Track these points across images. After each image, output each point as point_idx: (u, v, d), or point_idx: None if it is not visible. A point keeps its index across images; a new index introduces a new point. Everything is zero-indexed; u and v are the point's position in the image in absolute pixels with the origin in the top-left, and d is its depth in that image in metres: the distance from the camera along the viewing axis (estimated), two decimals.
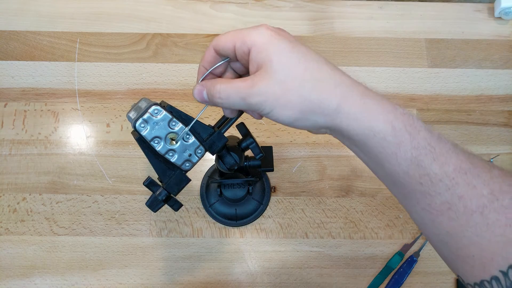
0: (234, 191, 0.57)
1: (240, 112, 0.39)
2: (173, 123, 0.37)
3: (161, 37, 0.70)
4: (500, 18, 0.72)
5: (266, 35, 0.31)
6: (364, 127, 0.30)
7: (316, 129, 0.32)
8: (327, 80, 0.30)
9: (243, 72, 0.36)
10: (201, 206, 0.60)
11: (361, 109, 0.30)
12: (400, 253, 0.57)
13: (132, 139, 0.41)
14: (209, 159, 0.61)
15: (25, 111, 0.64)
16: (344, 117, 0.30)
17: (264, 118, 0.65)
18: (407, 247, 0.58)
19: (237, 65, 0.36)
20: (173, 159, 0.38)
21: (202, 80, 0.36)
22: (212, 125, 0.41)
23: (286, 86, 0.30)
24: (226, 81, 0.32)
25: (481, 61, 0.69)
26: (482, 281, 0.28)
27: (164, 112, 0.37)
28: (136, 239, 0.58)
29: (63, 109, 0.65)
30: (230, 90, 0.32)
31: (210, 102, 0.34)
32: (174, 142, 0.38)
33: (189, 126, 0.38)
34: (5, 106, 0.65)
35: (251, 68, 0.32)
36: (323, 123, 0.31)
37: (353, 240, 0.59)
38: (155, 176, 0.41)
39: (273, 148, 0.55)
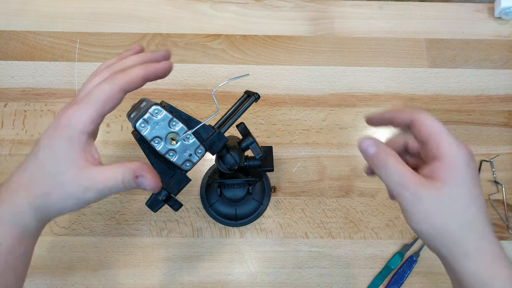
0: (234, 191, 0.57)
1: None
2: (174, 123, 0.37)
3: (161, 37, 0.70)
4: (500, 18, 0.72)
5: (464, 159, 0.31)
6: (479, 282, 0.31)
7: (431, 248, 0.33)
8: (479, 231, 0.31)
9: (413, 150, 0.36)
10: (201, 206, 0.60)
11: (486, 269, 0.31)
12: (400, 253, 0.57)
13: (132, 139, 0.41)
14: (209, 159, 0.61)
15: (25, 111, 0.64)
16: (468, 266, 0.31)
17: (264, 118, 0.65)
18: (407, 247, 0.58)
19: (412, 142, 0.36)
20: (173, 159, 0.38)
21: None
22: (212, 125, 0.41)
23: (444, 212, 0.31)
24: (399, 161, 0.32)
25: (481, 61, 0.69)
26: None
27: (164, 112, 0.37)
28: (136, 239, 0.58)
29: None
30: (397, 172, 0.32)
31: (369, 159, 0.34)
32: (174, 142, 0.38)
33: (193, 130, 0.38)
34: (5, 106, 0.65)
35: (427, 170, 0.32)
36: (444, 254, 0.32)
37: (353, 240, 0.59)
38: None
39: (273, 148, 0.55)
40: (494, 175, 0.62)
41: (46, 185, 0.33)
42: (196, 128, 0.38)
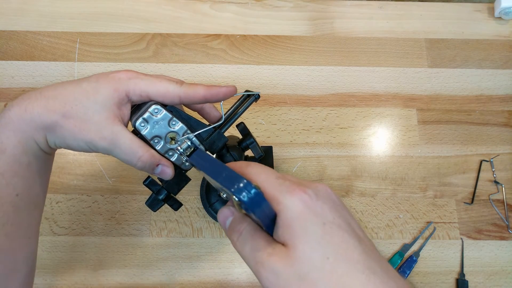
0: None
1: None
2: (173, 123, 0.37)
3: (161, 37, 0.70)
4: (500, 18, 0.72)
5: (297, 209, 0.26)
6: None
7: None
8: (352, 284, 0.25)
9: None
10: (201, 206, 0.60)
11: None
12: (400, 253, 0.57)
13: None
14: None
15: None
16: None
17: (264, 118, 0.65)
18: (407, 247, 0.58)
19: None
20: (173, 159, 0.38)
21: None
22: (213, 125, 0.41)
23: (304, 283, 0.25)
24: (252, 230, 0.28)
25: (481, 61, 0.69)
26: None
27: (164, 111, 0.37)
28: (136, 239, 0.58)
29: None
30: (249, 242, 0.27)
31: (226, 232, 0.30)
32: (173, 141, 0.38)
33: (196, 133, 0.38)
34: (5, 106, 0.65)
35: (275, 233, 0.27)
36: None
37: None
38: (155, 176, 0.41)
39: (273, 148, 0.55)
40: (494, 175, 0.62)
41: (71, 109, 0.34)
42: (199, 132, 0.38)
